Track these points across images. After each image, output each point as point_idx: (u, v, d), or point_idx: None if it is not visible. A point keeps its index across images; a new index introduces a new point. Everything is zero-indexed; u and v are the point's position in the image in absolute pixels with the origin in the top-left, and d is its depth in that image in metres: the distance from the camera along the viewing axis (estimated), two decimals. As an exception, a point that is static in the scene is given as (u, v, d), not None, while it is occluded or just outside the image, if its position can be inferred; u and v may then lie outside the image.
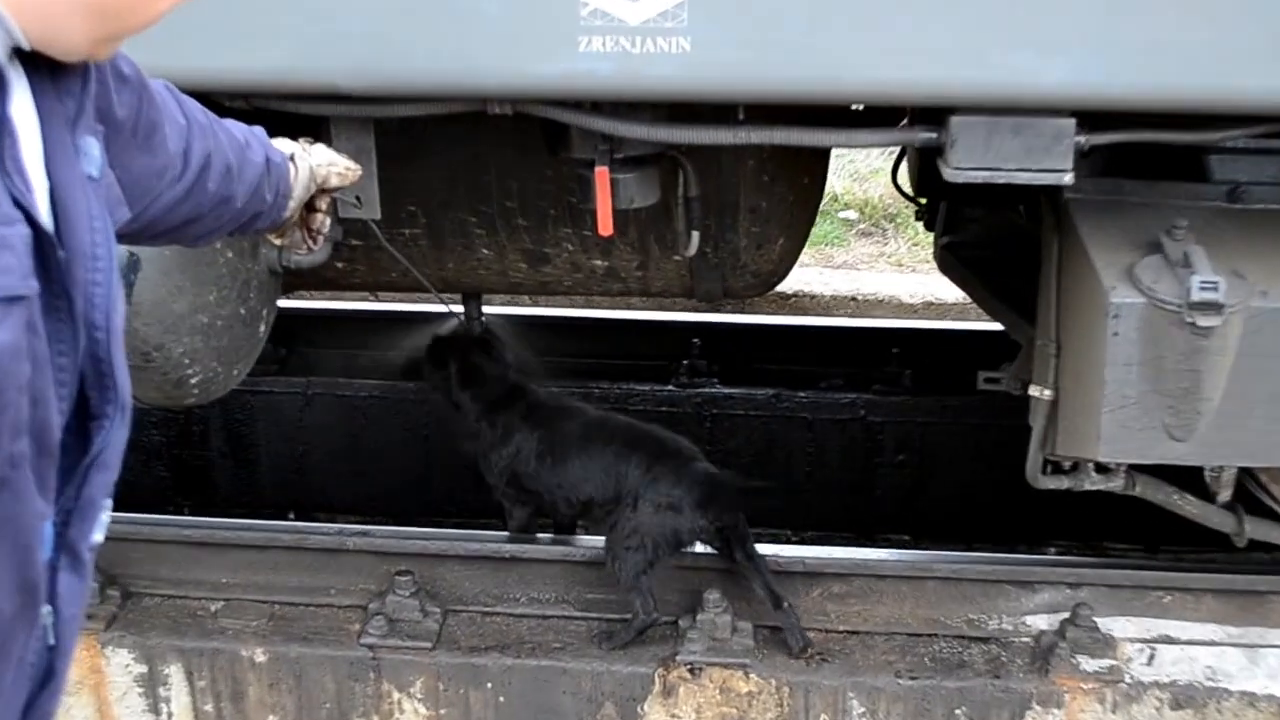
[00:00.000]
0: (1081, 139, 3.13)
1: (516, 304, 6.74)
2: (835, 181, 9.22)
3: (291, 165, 2.60)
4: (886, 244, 8.61)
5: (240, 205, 2.41)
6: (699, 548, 4.01)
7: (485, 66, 3.10)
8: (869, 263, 8.28)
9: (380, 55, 3.10)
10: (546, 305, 7.07)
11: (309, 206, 2.73)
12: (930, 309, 7.15)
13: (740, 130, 3.31)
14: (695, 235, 3.83)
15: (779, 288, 7.27)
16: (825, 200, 9.09)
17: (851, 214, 8.97)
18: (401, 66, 3.13)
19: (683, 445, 4.07)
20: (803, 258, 8.03)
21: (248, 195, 2.43)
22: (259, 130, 2.53)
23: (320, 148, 2.75)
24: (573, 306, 6.84)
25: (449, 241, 4.27)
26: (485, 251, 4.29)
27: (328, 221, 2.81)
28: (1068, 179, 3.13)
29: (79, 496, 1.79)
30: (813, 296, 7.29)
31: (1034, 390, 3.65)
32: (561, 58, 3.02)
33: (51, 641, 1.77)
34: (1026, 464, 3.72)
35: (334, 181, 2.73)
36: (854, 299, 7.30)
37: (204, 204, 2.27)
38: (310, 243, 2.81)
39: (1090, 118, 3.14)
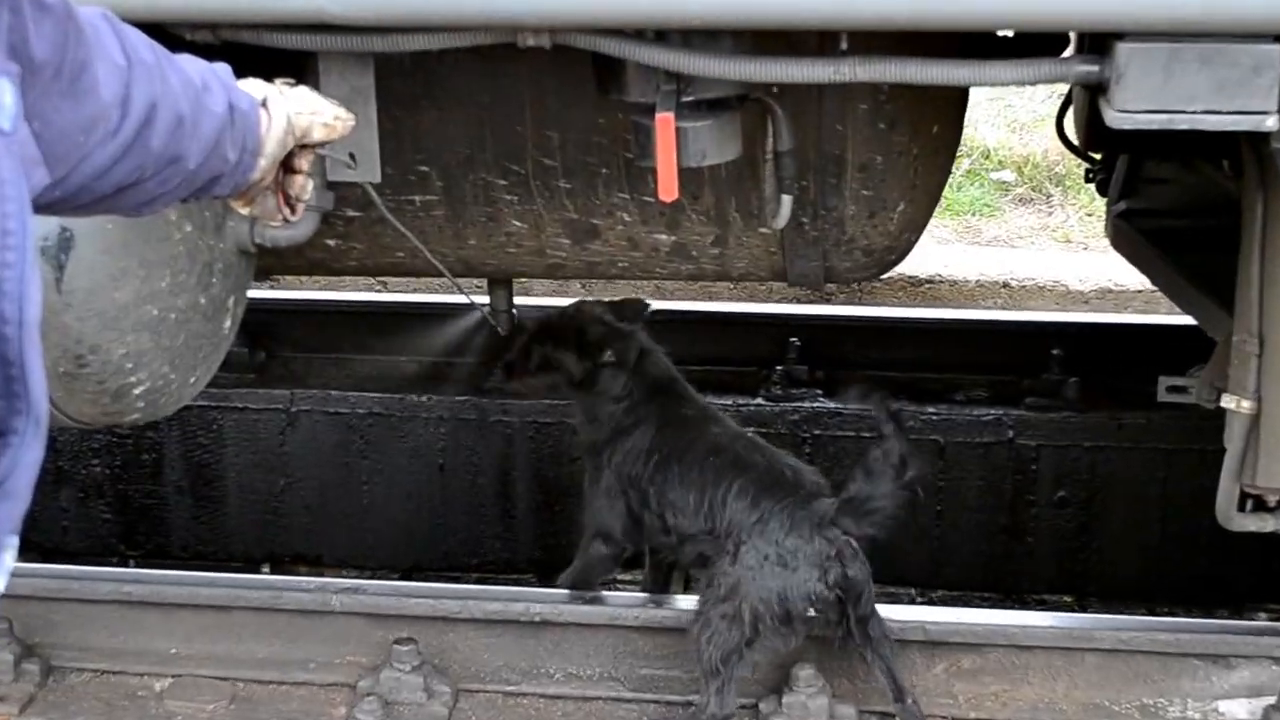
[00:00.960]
0: (1291, 70, 3.13)
1: (558, 291, 6.80)
2: (988, 132, 9.21)
3: (263, 113, 2.63)
4: (1051, 213, 8.60)
5: (194, 166, 2.44)
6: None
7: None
8: (1028, 237, 8.28)
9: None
10: (594, 292, 7.12)
11: (287, 167, 2.76)
12: (1106, 298, 7.13)
13: (844, 64, 3.34)
14: (788, 200, 3.87)
15: (905, 270, 7.35)
16: (973, 157, 9.12)
17: (1007, 174, 8.97)
18: (407, -15, 3.21)
19: (803, 473, 4.12)
20: (941, 232, 8.14)
21: (204, 153, 2.46)
22: (221, 69, 2.56)
23: (303, 91, 2.77)
24: (627, 293, 6.87)
25: (471, 211, 4.35)
26: (517, 224, 4.37)
27: (310, 186, 2.85)
28: (1271, 123, 3.13)
29: None
30: (952, 282, 7.29)
31: (1229, 401, 3.65)
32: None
33: None
34: (1217, 498, 3.73)
35: (319, 134, 2.75)
36: (1006, 285, 7.30)
37: (147, 165, 2.31)
38: (288, 213, 2.85)
39: (1303, 43, 3.14)
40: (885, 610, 4.13)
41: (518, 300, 5.06)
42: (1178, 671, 4.04)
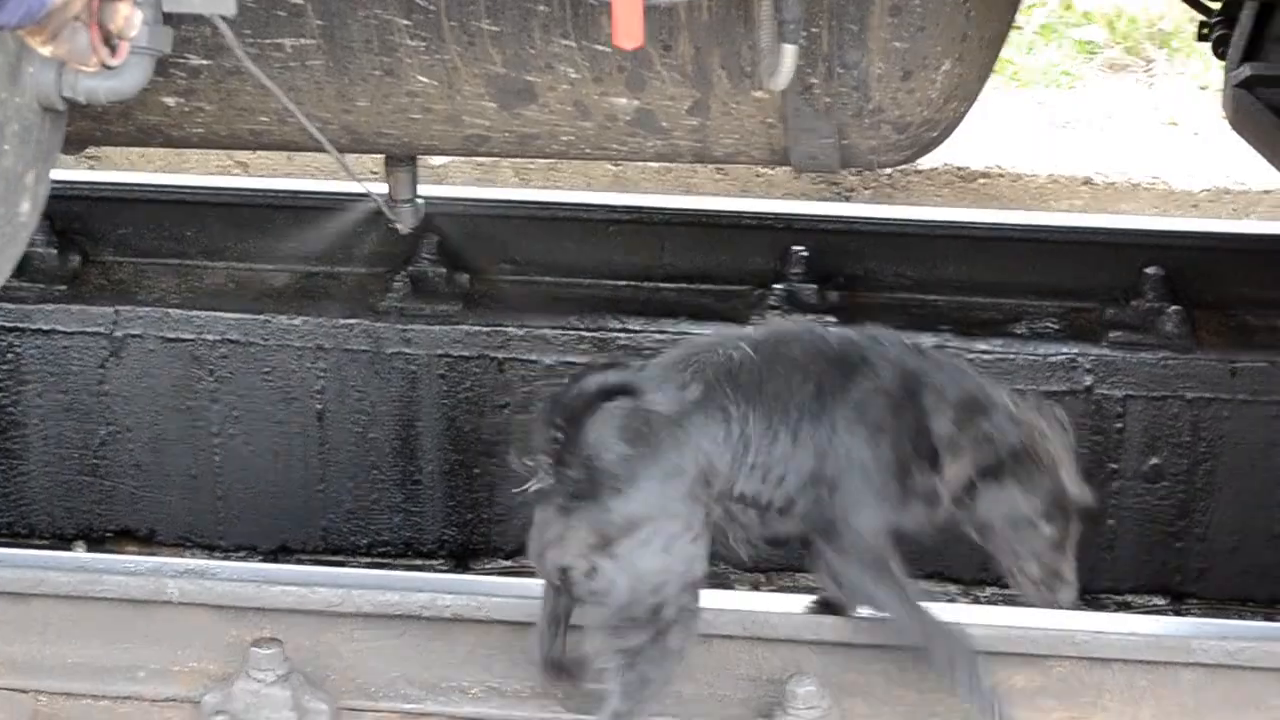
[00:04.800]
0: None
1: (478, 176, 6.82)
2: (1070, -23, 9.25)
3: (66, -87, 2.63)
4: (1152, 85, 8.63)
5: (-36, -19, 2.44)
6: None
7: None
8: (1119, 117, 8.31)
9: None
10: (532, 179, 7.15)
11: (104, -10, 2.76)
12: (1222, 200, 7.17)
13: None
14: (790, 53, 3.90)
15: (952, 158, 7.34)
16: (1050, 7, 9.09)
17: (1094, 32, 9.01)
18: None
19: None
20: (1003, 107, 8.12)
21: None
22: None
23: (125, -114, 2.77)
24: (576, 183, 6.90)
25: (360, 62, 4.35)
26: (423, 79, 4.37)
27: (138, 19, 2.85)
28: None
29: None
30: (1016, 176, 7.32)
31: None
32: None
33: None
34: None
35: (149, -54, 2.76)
36: (1088, 182, 7.33)
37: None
38: (107, 55, 2.85)
39: None
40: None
41: (424, 188, 5.05)
42: (1302, 693, 4.08)
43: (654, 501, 3.86)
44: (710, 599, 4.31)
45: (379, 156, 4.94)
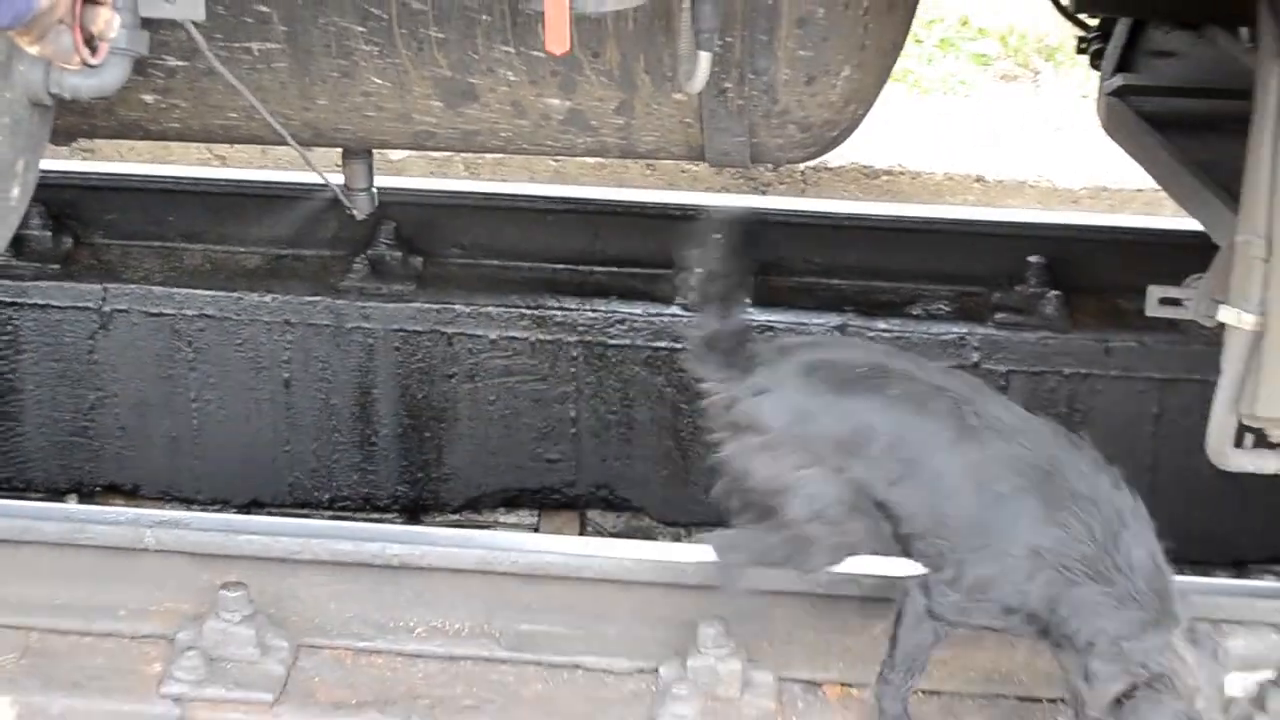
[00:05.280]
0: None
1: (432, 169, 6.79)
2: (967, -7, 9.24)
3: (48, -80, 2.61)
4: (1039, 93, 8.63)
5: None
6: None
7: None
8: (1010, 122, 8.31)
9: None
10: (481, 173, 7.14)
11: (85, -5, 2.75)
12: (1100, 198, 7.19)
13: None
14: (705, 59, 3.90)
15: (860, 158, 7.33)
16: (948, 23, 9.09)
17: (989, 46, 9.00)
18: None
19: None
20: (906, 113, 8.12)
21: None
22: None
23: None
24: (521, 176, 6.89)
25: (320, 64, 4.33)
26: (377, 81, 4.36)
27: (116, 22, 2.83)
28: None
29: None
30: (915, 174, 7.32)
31: (1228, 314, 3.69)
32: None
33: None
34: (1209, 431, 3.77)
35: (126, -44, 2.74)
36: (980, 179, 7.34)
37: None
38: (88, 54, 2.83)
39: None
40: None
41: (381, 180, 5.04)
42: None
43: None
44: (633, 548, 4.38)
45: (338, 150, 4.93)
